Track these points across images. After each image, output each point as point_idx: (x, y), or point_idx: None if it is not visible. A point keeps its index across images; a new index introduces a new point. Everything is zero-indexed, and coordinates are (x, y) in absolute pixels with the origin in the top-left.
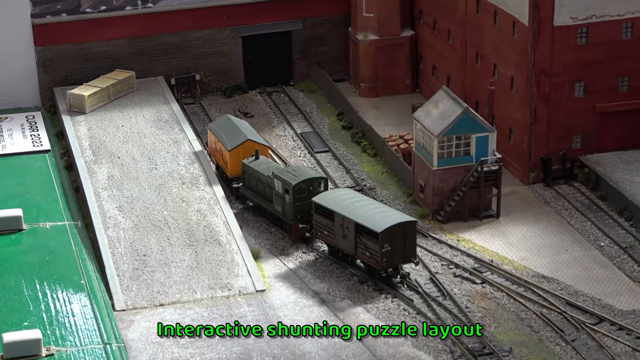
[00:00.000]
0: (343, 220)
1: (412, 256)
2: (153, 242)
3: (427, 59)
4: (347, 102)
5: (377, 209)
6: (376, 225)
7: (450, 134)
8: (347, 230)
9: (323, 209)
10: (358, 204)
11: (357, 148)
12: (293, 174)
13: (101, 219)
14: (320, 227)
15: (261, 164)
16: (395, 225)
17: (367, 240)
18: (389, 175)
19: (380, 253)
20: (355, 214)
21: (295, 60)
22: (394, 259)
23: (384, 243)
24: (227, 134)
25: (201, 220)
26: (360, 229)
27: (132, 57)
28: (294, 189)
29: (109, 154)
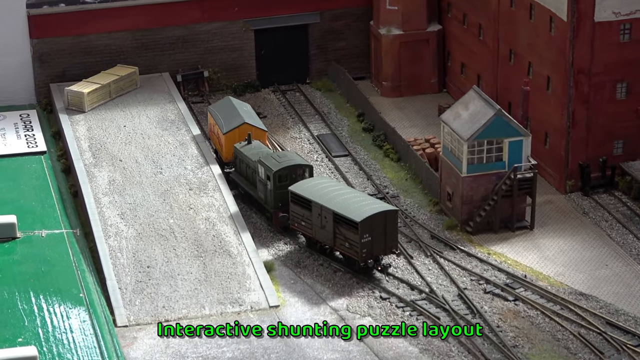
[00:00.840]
0: (321, 209)
1: (394, 247)
2: (158, 252)
3: (455, 56)
4: (368, 102)
5: (356, 198)
6: (355, 215)
7: (481, 138)
8: (325, 221)
9: (300, 198)
10: (337, 192)
11: (379, 152)
12: (277, 160)
13: (101, 227)
14: (298, 218)
15: (252, 148)
16: (376, 215)
17: (346, 231)
18: (413, 182)
19: (360, 243)
20: (333, 203)
21: (312, 56)
22: (375, 250)
23: (363, 233)
24: (225, 116)
25: (210, 230)
26: (338, 218)
27: (135, 52)
28: (275, 175)
29: (110, 156)
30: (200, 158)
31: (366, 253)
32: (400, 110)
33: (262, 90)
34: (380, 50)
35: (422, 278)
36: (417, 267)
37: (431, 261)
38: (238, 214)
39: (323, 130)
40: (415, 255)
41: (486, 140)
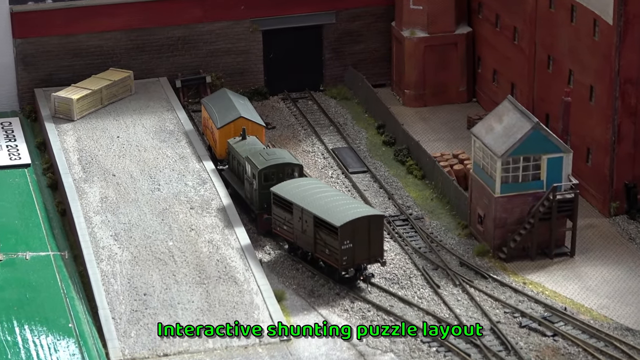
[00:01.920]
0: (302, 212)
1: (378, 255)
2: (155, 278)
3: (486, 62)
4: (389, 113)
5: (340, 201)
6: (336, 219)
7: (517, 154)
8: (306, 225)
9: (282, 200)
10: (320, 195)
11: (401, 169)
12: (264, 157)
13: (93, 249)
14: (279, 221)
15: (245, 144)
16: (358, 219)
17: (327, 236)
18: (440, 203)
19: (340, 250)
20: (314, 206)
21: (327, 61)
22: (357, 258)
23: (344, 239)
24: (220, 109)
25: (213, 253)
26: (319, 222)
27: (129, 54)
28: (261, 174)
29: (101, 170)
30: (202, 173)
31: (347, 261)
32: (425, 121)
33: (271, 98)
34: (402, 55)
35: (450, 310)
36: (444, 298)
37: (460, 291)
38: (245, 236)
39: (339, 143)
40: (443, 285)
41: (522, 156)
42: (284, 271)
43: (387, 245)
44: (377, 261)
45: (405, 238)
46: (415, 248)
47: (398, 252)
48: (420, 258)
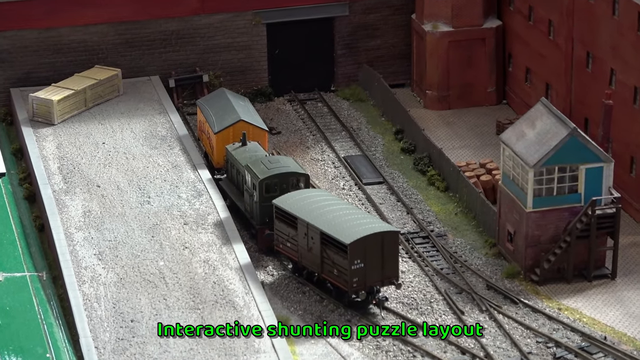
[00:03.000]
0: (307, 228)
1: (393, 277)
2: (144, 303)
3: (518, 60)
4: (408, 116)
5: (351, 216)
6: (345, 235)
7: (551, 163)
8: (312, 241)
9: (285, 214)
10: (328, 208)
11: (421, 179)
12: (266, 166)
13: (74, 269)
14: (282, 237)
15: (245, 151)
16: (370, 236)
17: (335, 255)
18: (465, 218)
19: (350, 271)
20: (321, 221)
21: (339, 58)
22: (368, 280)
23: (354, 258)
24: (217, 112)
25: (209, 275)
26: (326, 239)
27: (117, 50)
28: (262, 185)
29: (85, 181)
30: (198, 184)
31: (357, 283)
32: (449, 126)
33: (276, 100)
34: (424, 51)
35: (475, 339)
36: (469, 326)
37: (487, 318)
38: (245, 255)
39: (352, 150)
40: (467, 311)
41: (557, 166)
42: (288, 295)
43: (404, 265)
44: (392, 283)
45: (426, 258)
46: (437, 269)
47: (417, 273)
48: (443, 280)
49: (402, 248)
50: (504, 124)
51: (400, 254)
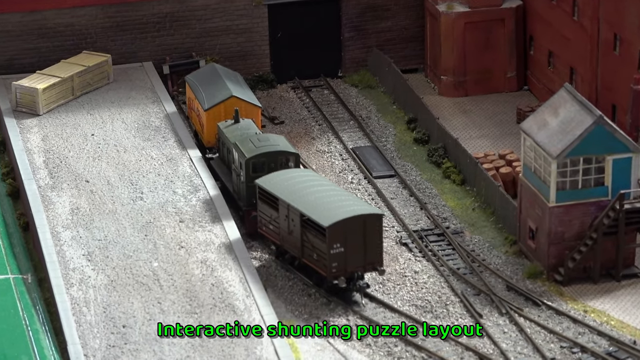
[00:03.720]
0: (288, 209)
1: (377, 262)
2: (137, 307)
3: (540, 42)
4: (421, 104)
5: (334, 197)
6: (324, 217)
7: (576, 154)
8: (292, 224)
9: (267, 195)
10: (312, 189)
11: (436, 172)
12: (254, 144)
13: (61, 271)
14: (265, 219)
15: (237, 129)
16: (351, 219)
17: (314, 238)
18: (483, 213)
19: (329, 255)
20: (302, 202)
21: (346, 41)
22: (349, 265)
23: (333, 242)
24: (207, 88)
25: (208, 276)
26: (306, 222)
27: (107, 34)
28: (249, 164)
29: (72, 175)
30: (194, 178)
31: (337, 268)
32: (466, 114)
33: (279, 87)
34: (438, 34)
35: (494, 344)
36: (488, 330)
37: (507, 321)
38: (245, 253)
39: (360, 141)
40: (486, 314)
41: (582, 157)
42: (292, 297)
43: (419, 265)
44: (375, 269)
45: (441, 257)
46: (453, 269)
47: (432, 274)
48: (459, 281)
49: (416, 246)
50: (524, 112)
51: (413, 252)
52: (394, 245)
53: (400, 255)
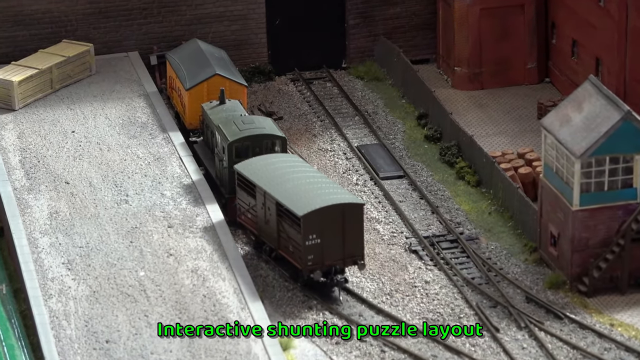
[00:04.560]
0: (264, 197)
1: (357, 256)
2: (122, 320)
3: (563, 31)
4: (433, 98)
5: (314, 185)
6: (300, 206)
7: (602, 153)
8: (269, 212)
9: (245, 181)
10: (292, 176)
11: (449, 172)
12: (238, 126)
13: (39, 281)
14: (244, 207)
15: (222, 111)
16: (328, 208)
17: (290, 228)
18: (500, 218)
19: (304, 246)
20: (280, 190)
21: (351, 29)
22: (326, 257)
23: (309, 232)
24: (189, 66)
25: (199, 287)
26: (282, 210)
27: (89, 21)
28: (231, 148)
29: (51, 176)
30: (184, 179)
31: (313, 261)
32: (482, 109)
33: (277, 79)
34: (451, 21)
35: None
36: (505, 345)
37: (526, 336)
38: (240, 262)
39: (366, 139)
40: (503, 327)
41: (609, 156)
42: (292, 310)
43: (430, 274)
44: (355, 263)
45: (454, 265)
46: (468, 279)
47: (444, 284)
48: (474, 292)
49: (427, 254)
50: (546, 107)
51: (424, 260)
52: (403, 253)
53: (410, 263)
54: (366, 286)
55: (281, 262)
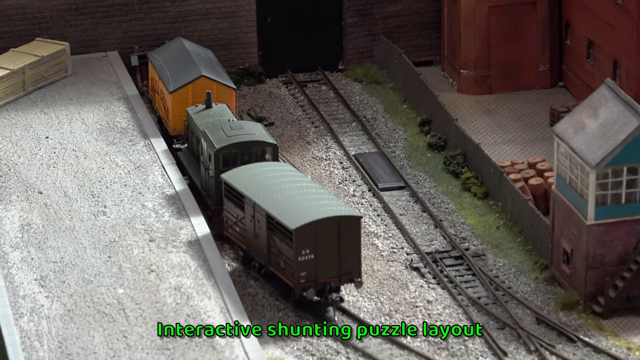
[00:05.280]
0: (254, 209)
1: (354, 273)
2: (99, 341)
3: (578, 30)
4: (437, 103)
5: (307, 196)
6: (292, 219)
7: (619, 163)
8: (258, 226)
9: (232, 191)
10: (284, 186)
11: (454, 183)
12: (226, 132)
13: (9, 299)
14: (231, 220)
15: (208, 116)
16: (322, 221)
17: (281, 242)
18: (509, 233)
19: (297, 263)
20: (270, 201)
21: (349, 28)
22: (321, 275)
23: (302, 247)
24: (173, 67)
25: (182, 306)
26: (272, 223)
27: (64, 18)
28: (218, 155)
29: (23, 186)
30: (167, 189)
31: (306, 278)
32: (490, 115)
33: (268, 82)
34: (457, 19)
35: None
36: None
37: None
38: (228, 279)
39: (364, 147)
40: (512, 351)
41: (626, 166)
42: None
43: (433, 293)
44: (352, 281)
45: (459, 284)
46: (473, 298)
47: (448, 303)
48: (480, 312)
49: (429, 272)
50: (559, 113)
51: (426, 278)
52: (404, 270)
53: (411, 281)
54: (363, 306)
55: (271, 279)
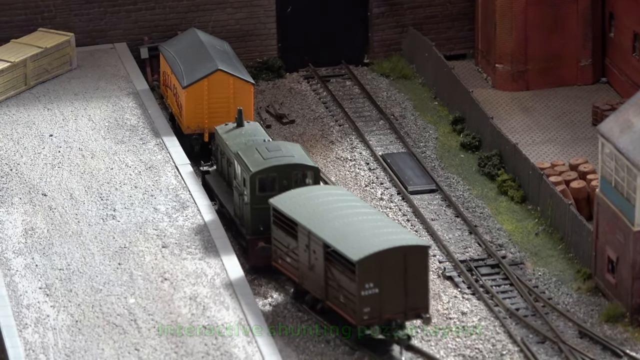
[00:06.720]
0: (309, 237)
1: (421, 308)
2: (108, 354)
3: (623, 22)
4: (471, 99)
5: (368, 223)
6: (353, 249)
7: None
8: (314, 256)
9: (284, 219)
10: (341, 212)
11: (489, 186)
12: (262, 155)
13: (12, 309)
14: (281, 250)
15: (241, 135)
16: (388, 252)
17: (341, 275)
18: (549, 239)
19: (359, 297)
20: (327, 229)
21: (375, 19)
22: (385, 310)
23: (365, 281)
24: (187, 60)
25: (198, 316)
26: (331, 254)
27: (69, 7)
28: (254, 180)
29: (26, 187)
30: (181, 192)
31: (369, 314)
32: (527, 113)
33: (288, 76)
34: (493, 10)
35: None
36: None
37: None
38: (247, 289)
39: (392, 147)
40: None
41: None
42: (306, 344)
43: (467, 305)
44: (419, 317)
45: (495, 294)
46: (511, 309)
47: (484, 315)
48: (519, 325)
49: (463, 281)
50: (602, 111)
51: (460, 288)
52: (436, 279)
53: (444, 291)
54: None
55: (328, 315)
